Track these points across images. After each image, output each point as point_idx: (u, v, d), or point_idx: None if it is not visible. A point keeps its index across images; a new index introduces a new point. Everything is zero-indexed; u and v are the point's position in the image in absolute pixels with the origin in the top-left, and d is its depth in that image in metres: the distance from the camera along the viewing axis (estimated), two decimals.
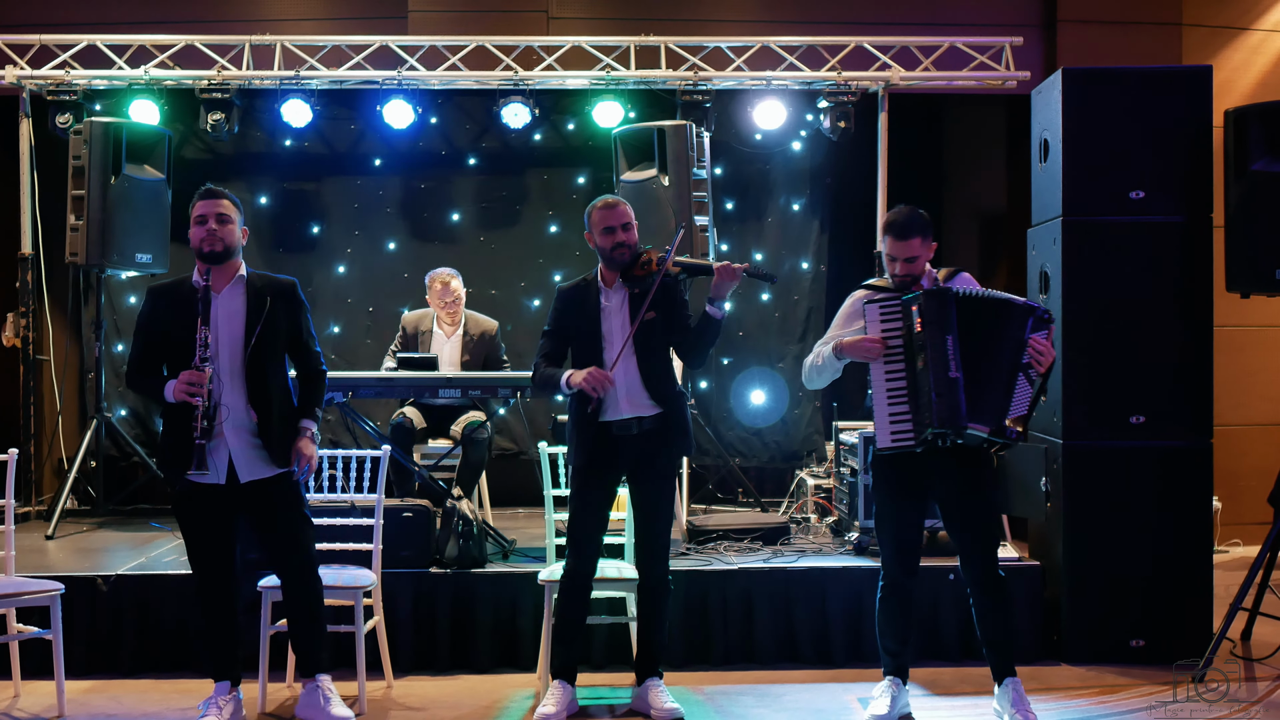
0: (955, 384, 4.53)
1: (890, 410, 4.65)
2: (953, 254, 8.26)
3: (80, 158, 7.17)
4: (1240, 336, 8.12)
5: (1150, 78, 5.75)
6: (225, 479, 4.55)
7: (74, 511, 7.54)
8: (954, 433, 4.55)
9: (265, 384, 4.58)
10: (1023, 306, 4.56)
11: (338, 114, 8.32)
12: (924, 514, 4.85)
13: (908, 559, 4.81)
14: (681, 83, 7.78)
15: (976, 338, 4.55)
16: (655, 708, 4.86)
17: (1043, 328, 4.54)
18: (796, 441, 8.44)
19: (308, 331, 4.77)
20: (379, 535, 5.28)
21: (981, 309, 4.58)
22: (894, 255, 4.73)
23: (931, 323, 4.56)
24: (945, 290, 4.60)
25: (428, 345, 6.99)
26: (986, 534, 4.72)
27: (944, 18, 8.20)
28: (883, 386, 4.67)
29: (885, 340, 4.65)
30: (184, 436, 4.47)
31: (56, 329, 8.14)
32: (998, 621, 4.73)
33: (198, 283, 4.53)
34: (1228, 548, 8.02)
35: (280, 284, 4.73)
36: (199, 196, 4.64)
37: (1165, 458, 5.68)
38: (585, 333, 4.91)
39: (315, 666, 4.75)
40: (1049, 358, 4.52)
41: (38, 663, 5.33)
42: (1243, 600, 5.53)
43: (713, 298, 4.83)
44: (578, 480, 4.94)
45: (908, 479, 4.74)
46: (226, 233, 4.59)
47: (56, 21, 7.93)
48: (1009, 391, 4.52)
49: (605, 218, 4.91)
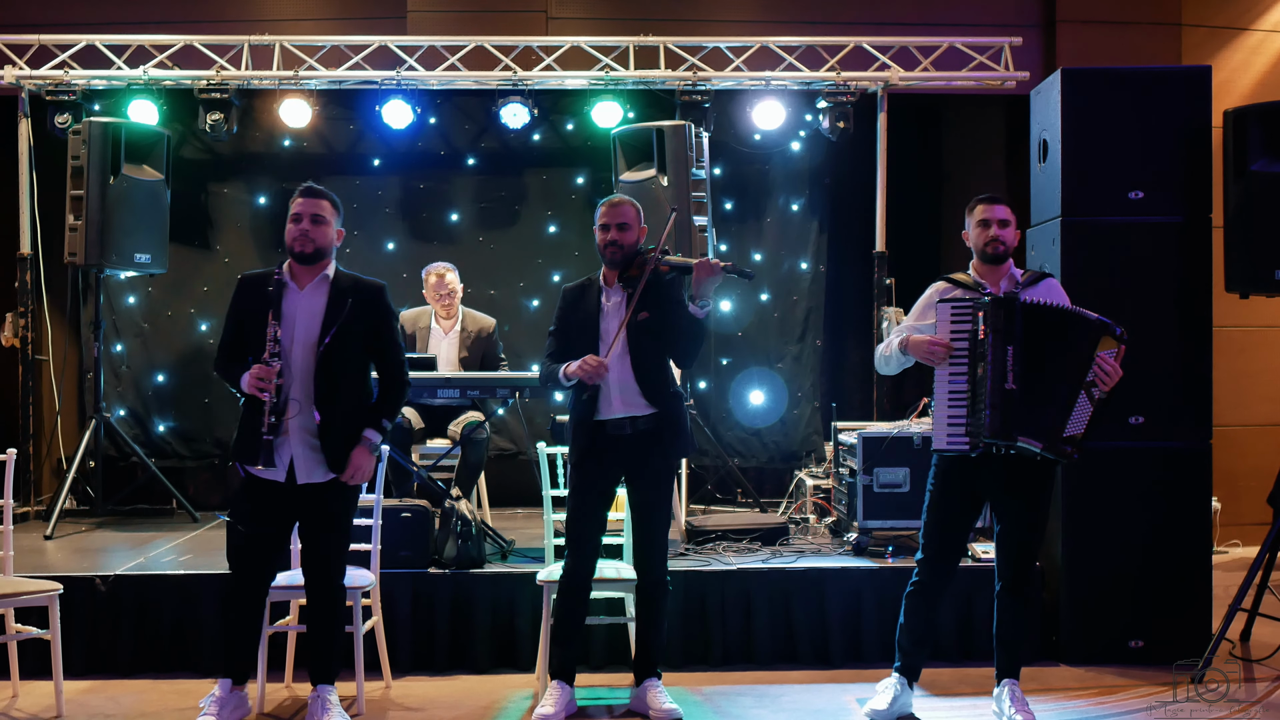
0: (1011, 396, 4.51)
1: (950, 413, 4.65)
2: (953, 255, 8.26)
3: (79, 158, 7.16)
4: (1240, 337, 8.12)
5: (1149, 78, 5.75)
6: (285, 478, 4.54)
7: (73, 511, 7.54)
8: (1005, 444, 4.55)
9: (334, 386, 4.54)
10: (1095, 323, 4.51)
11: (336, 114, 8.33)
12: (974, 521, 4.86)
13: (947, 561, 4.82)
14: (680, 83, 7.78)
15: (1041, 350, 4.53)
16: (654, 708, 4.86)
17: (1115, 346, 4.50)
18: (795, 442, 8.44)
19: (390, 338, 4.70)
20: (378, 535, 5.28)
21: (1050, 321, 4.55)
22: (987, 219, 4.77)
23: (995, 330, 4.54)
24: (1013, 298, 4.57)
25: (425, 342, 6.99)
26: (1033, 539, 4.74)
27: (943, 18, 8.21)
28: (945, 388, 4.67)
29: (951, 345, 4.63)
30: (254, 429, 4.48)
31: (55, 329, 8.13)
32: (1017, 623, 4.76)
33: (277, 278, 4.55)
34: (1227, 548, 8.02)
35: (367, 287, 4.68)
36: (299, 193, 4.63)
37: (1164, 458, 5.68)
38: (584, 331, 4.92)
39: (325, 676, 4.74)
40: (1115, 378, 4.48)
41: (36, 663, 5.32)
42: (1242, 601, 5.53)
43: (694, 295, 4.79)
44: (574, 479, 4.94)
45: (965, 482, 4.75)
46: (320, 234, 4.57)
47: (55, 21, 7.93)
48: (1068, 409, 4.49)
49: (604, 215, 4.92)
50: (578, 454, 4.91)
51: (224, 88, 7.64)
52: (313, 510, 4.62)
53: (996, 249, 4.76)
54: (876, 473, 6.18)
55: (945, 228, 8.41)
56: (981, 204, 4.82)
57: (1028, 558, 4.75)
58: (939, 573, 4.82)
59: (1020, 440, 4.51)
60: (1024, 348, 4.53)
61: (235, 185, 8.21)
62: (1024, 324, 4.53)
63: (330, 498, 4.61)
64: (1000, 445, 4.56)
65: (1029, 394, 4.51)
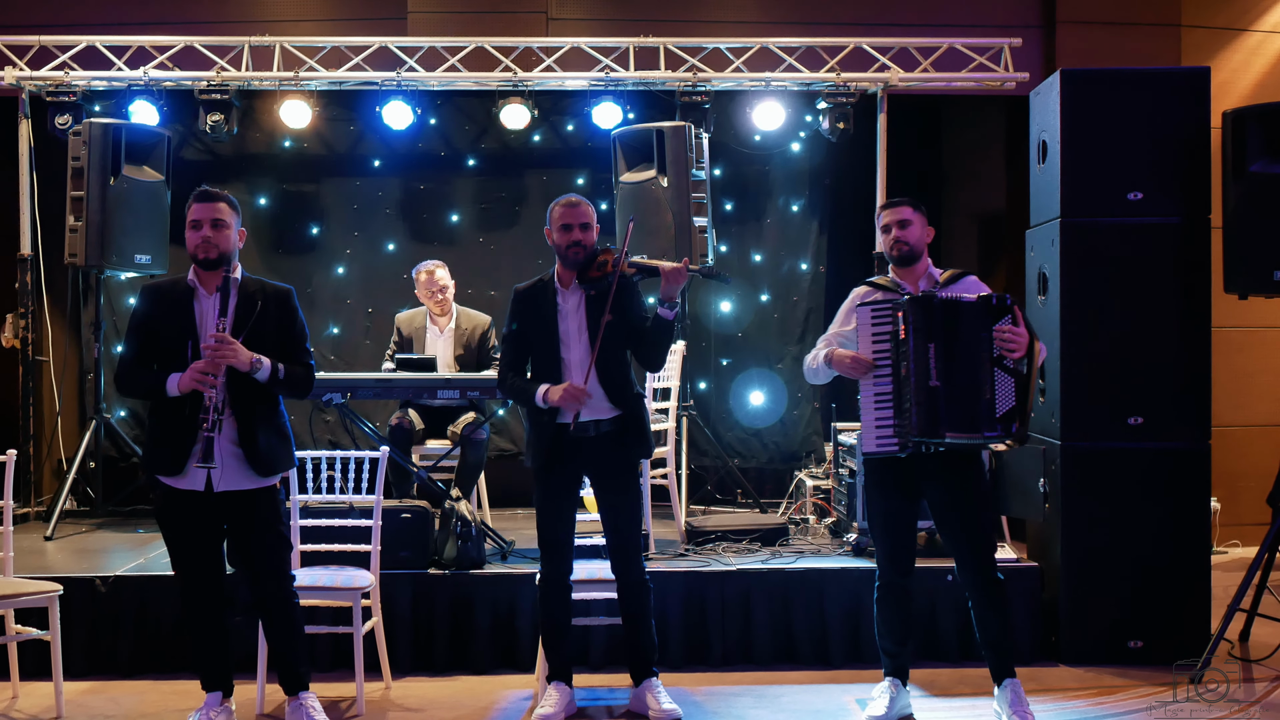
0: (936, 393, 4.54)
1: (877, 416, 4.67)
2: (952, 255, 8.27)
3: (79, 159, 7.17)
4: (1239, 337, 8.12)
5: (1148, 79, 5.76)
6: (204, 486, 4.46)
7: (73, 512, 7.54)
8: (936, 442, 4.56)
9: (248, 391, 4.48)
10: (977, 300, 4.56)
11: (337, 115, 8.33)
12: (916, 514, 4.86)
13: (901, 559, 4.82)
14: (680, 84, 7.78)
15: (956, 343, 4.56)
16: (653, 709, 4.86)
17: (1003, 315, 4.52)
18: (795, 442, 8.44)
19: (298, 340, 4.62)
20: (377, 536, 5.28)
21: (955, 313, 4.58)
22: (887, 224, 4.82)
23: (915, 329, 4.58)
24: (930, 296, 4.61)
25: (422, 341, 7.00)
26: (978, 537, 4.72)
27: (943, 19, 8.20)
28: (871, 391, 4.71)
29: (874, 360, 4.67)
30: (176, 434, 4.39)
31: (56, 330, 8.13)
32: (996, 623, 4.74)
33: (192, 281, 4.51)
34: (1226, 549, 8.02)
35: (273, 290, 4.61)
36: (194, 199, 4.54)
37: (1163, 459, 5.68)
38: (542, 334, 4.87)
39: (298, 684, 4.72)
40: (1020, 341, 4.49)
41: (36, 664, 5.33)
42: (1240, 601, 5.53)
43: (662, 299, 4.77)
44: (542, 485, 4.90)
45: (898, 480, 4.77)
46: (221, 238, 4.49)
47: (56, 23, 7.93)
48: (989, 390, 4.52)
49: (565, 215, 4.84)
50: (543, 458, 4.85)
51: (224, 89, 7.64)
52: (239, 518, 4.55)
53: (901, 249, 4.82)
54: None
55: (945, 229, 8.40)
56: (884, 209, 4.90)
57: (985, 548, 4.71)
58: (899, 571, 4.83)
59: (949, 436, 4.53)
60: (945, 343, 4.55)
61: (235, 186, 8.20)
62: (943, 320, 4.56)
63: (255, 503, 4.54)
64: (929, 444, 4.58)
65: (952, 387, 4.53)
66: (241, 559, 4.65)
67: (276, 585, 4.64)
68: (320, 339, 8.24)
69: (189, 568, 4.59)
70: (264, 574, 4.61)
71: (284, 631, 4.68)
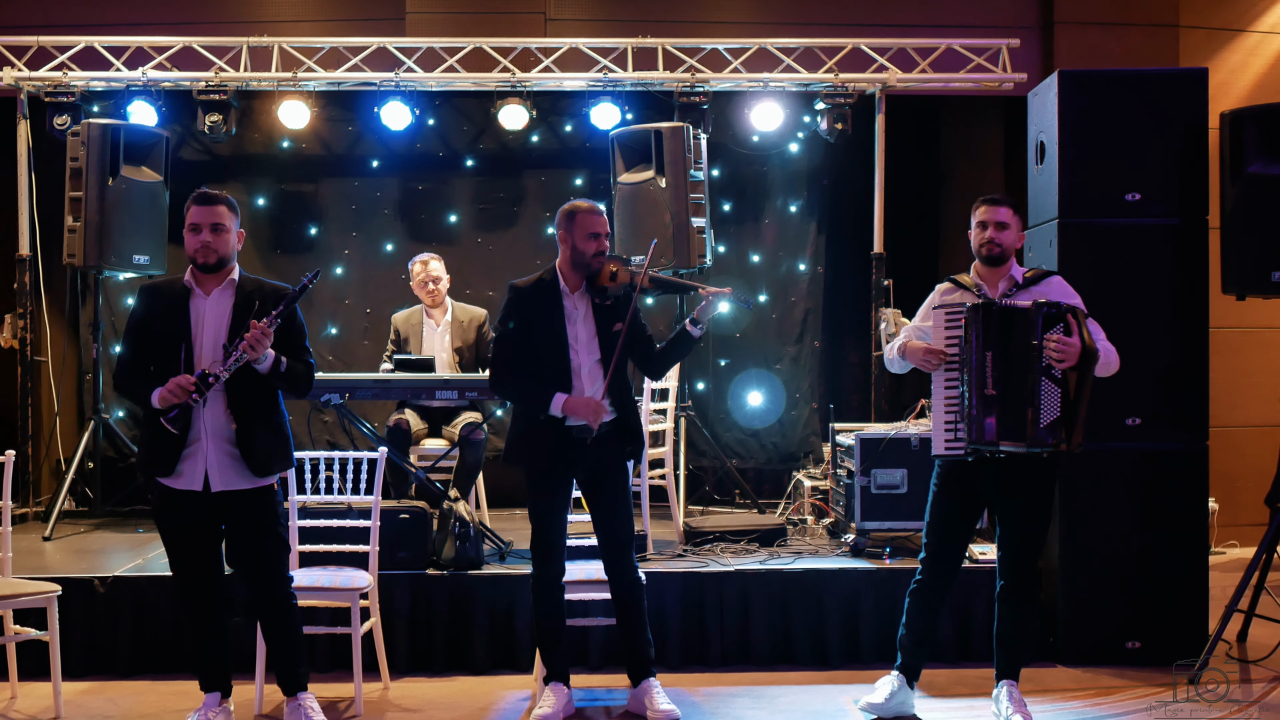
0: (991, 401, 4.55)
1: (946, 419, 4.74)
2: (950, 256, 8.27)
3: (78, 159, 7.17)
4: (1236, 338, 8.12)
5: (1146, 80, 5.76)
6: (201, 486, 4.45)
7: (71, 513, 7.53)
8: (992, 449, 4.58)
9: (247, 391, 4.47)
10: (1030, 308, 4.54)
11: (335, 115, 8.33)
12: (974, 523, 4.89)
13: (946, 562, 4.86)
14: (679, 84, 7.79)
15: (1009, 351, 4.55)
16: (651, 709, 4.86)
17: (1055, 324, 4.51)
18: (793, 443, 8.44)
19: (298, 339, 4.62)
20: (375, 537, 5.28)
21: (1010, 321, 4.57)
22: (984, 221, 4.80)
23: (976, 336, 4.59)
24: (990, 303, 4.62)
25: (419, 337, 7.00)
26: (1033, 541, 4.76)
27: (941, 19, 8.21)
28: (941, 394, 4.76)
29: (946, 351, 4.69)
30: (165, 438, 4.39)
31: (54, 330, 8.13)
32: (1019, 624, 4.79)
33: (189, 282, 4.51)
34: (1225, 549, 8.03)
35: (271, 290, 4.59)
36: (194, 201, 4.52)
37: (1161, 460, 5.69)
38: (549, 336, 4.84)
39: (297, 685, 4.72)
40: (1070, 351, 4.47)
41: (34, 664, 5.32)
42: (1238, 602, 5.54)
43: (696, 319, 4.81)
44: (538, 486, 4.87)
45: (965, 483, 4.78)
46: (221, 242, 4.48)
47: (54, 23, 7.93)
48: (1035, 399, 4.50)
49: (594, 223, 4.83)
50: (542, 459, 4.84)
51: (223, 89, 7.64)
52: (236, 518, 4.55)
53: (991, 251, 4.80)
54: (874, 474, 6.19)
55: (943, 229, 8.41)
56: (984, 205, 4.85)
57: (1028, 559, 4.75)
58: (939, 573, 4.86)
59: (1003, 445, 4.54)
60: (1002, 351, 4.55)
61: (234, 187, 8.20)
62: (1001, 327, 4.56)
63: (252, 503, 4.54)
64: (988, 451, 4.59)
65: (1006, 396, 4.54)
66: (240, 559, 4.64)
67: (275, 586, 4.64)
68: (318, 339, 8.24)
69: (187, 568, 4.58)
70: (262, 574, 4.61)
71: (282, 632, 4.68)
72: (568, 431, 4.80)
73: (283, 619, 4.67)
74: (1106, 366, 4.68)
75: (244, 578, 4.66)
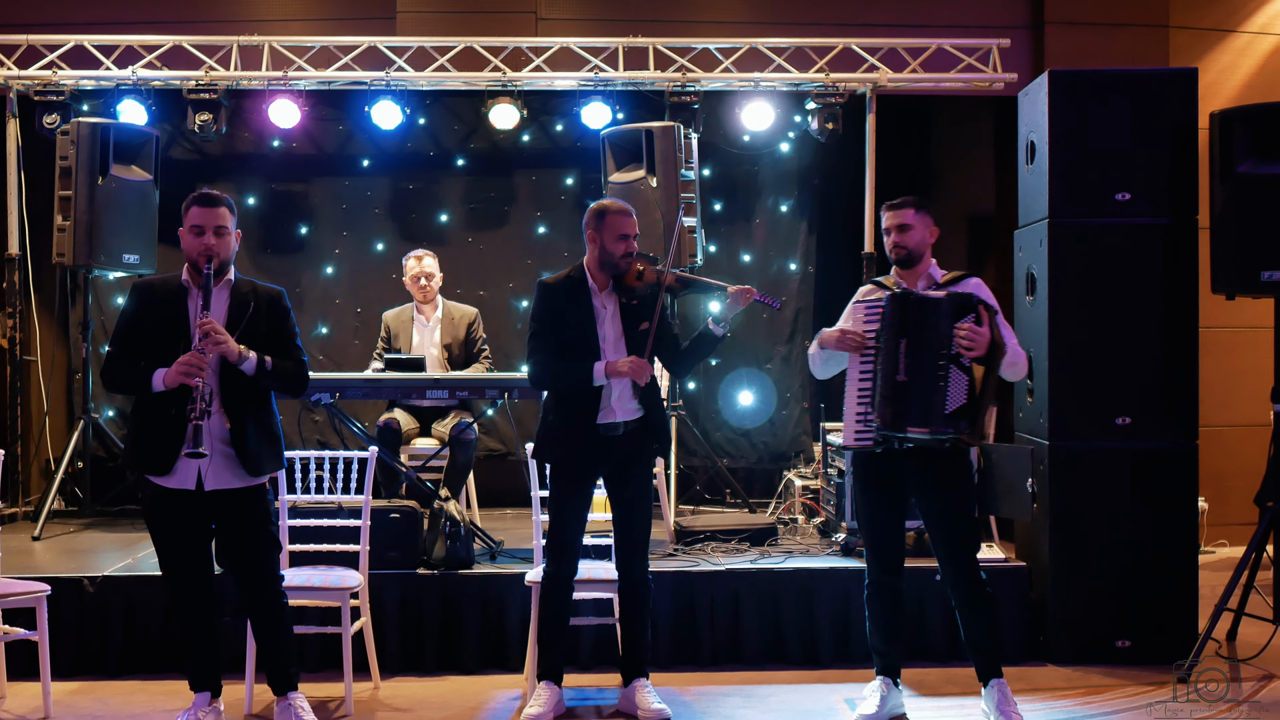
0: (902, 387, 4.60)
1: (856, 409, 4.75)
2: (941, 256, 8.22)
3: (67, 158, 7.15)
4: (1226, 338, 8.14)
5: (1136, 80, 5.77)
6: (194, 485, 4.45)
7: (61, 512, 7.52)
8: (900, 436, 4.60)
9: (241, 391, 4.47)
10: (943, 297, 4.61)
11: (326, 115, 8.32)
12: (904, 513, 4.89)
13: (887, 557, 4.85)
14: (670, 84, 7.78)
15: (922, 339, 4.60)
16: (642, 708, 4.87)
17: (966, 313, 4.55)
18: (784, 443, 8.45)
19: (290, 339, 4.62)
20: (366, 536, 5.28)
21: (925, 309, 4.63)
22: (888, 227, 4.85)
23: (890, 325, 4.65)
24: (907, 293, 4.68)
25: (409, 336, 7.00)
26: (960, 537, 4.75)
27: (931, 19, 8.21)
28: (855, 385, 4.78)
29: (864, 335, 4.72)
30: (163, 431, 4.35)
31: (44, 329, 8.10)
32: (979, 625, 4.76)
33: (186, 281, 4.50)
34: (1214, 548, 8.05)
35: (266, 291, 4.61)
36: (195, 202, 4.49)
37: (1151, 459, 5.70)
38: (581, 335, 4.85)
39: (287, 684, 4.72)
40: (979, 340, 4.51)
41: (23, 664, 5.32)
42: (1228, 601, 5.55)
43: (720, 318, 4.83)
44: (562, 484, 4.90)
45: (882, 477, 4.81)
46: (223, 246, 4.47)
47: (44, 22, 7.90)
48: (942, 386, 4.55)
49: (626, 224, 4.84)
50: (570, 457, 4.87)
51: (213, 88, 7.62)
52: (228, 517, 4.54)
53: (898, 254, 4.86)
54: None
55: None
56: (887, 210, 4.92)
57: (965, 558, 4.74)
58: (883, 569, 4.86)
59: (909, 430, 4.59)
60: (915, 339, 4.60)
61: (224, 186, 8.18)
62: (917, 316, 4.61)
63: (244, 502, 4.53)
64: (896, 439, 4.61)
65: (916, 383, 4.58)
66: (230, 559, 4.63)
67: (265, 585, 4.63)
68: (309, 339, 8.23)
69: (177, 567, 4.57)
70: (253, 574, 4.60)
71: (272, 631, 4.67)
72: (597, 430, 4.82)
73: (273, 618, 4.66)
74: (1013, 367, 4.69)
75: (235, 577, 4.65)
